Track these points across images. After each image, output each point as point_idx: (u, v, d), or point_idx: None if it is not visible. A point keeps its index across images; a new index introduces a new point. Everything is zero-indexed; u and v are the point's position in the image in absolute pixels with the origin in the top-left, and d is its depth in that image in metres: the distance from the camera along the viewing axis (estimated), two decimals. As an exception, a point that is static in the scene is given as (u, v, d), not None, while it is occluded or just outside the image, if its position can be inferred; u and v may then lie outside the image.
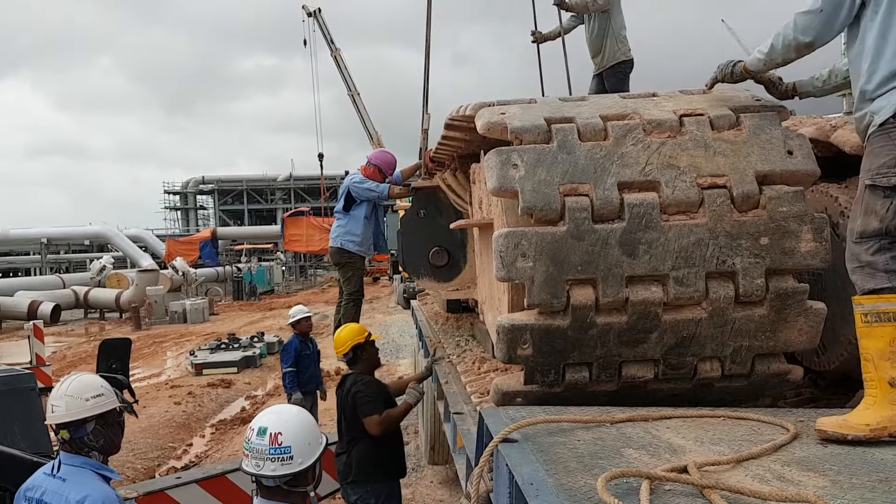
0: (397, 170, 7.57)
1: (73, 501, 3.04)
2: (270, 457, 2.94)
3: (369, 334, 5.68)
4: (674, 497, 2.08)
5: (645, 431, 2.78)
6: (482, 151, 4.60)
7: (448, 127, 5.05)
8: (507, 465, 2.44)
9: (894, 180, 2.69)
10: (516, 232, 3.17)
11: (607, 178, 3.18)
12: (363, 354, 5.58)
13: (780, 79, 3.48)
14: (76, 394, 3.17)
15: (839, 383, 3.80)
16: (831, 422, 2.62)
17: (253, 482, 3.06)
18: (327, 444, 3.22)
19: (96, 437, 3.19)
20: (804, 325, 3.19)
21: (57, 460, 3.21)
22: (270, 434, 2.96)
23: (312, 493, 3.05)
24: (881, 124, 2.75)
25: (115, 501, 3.12)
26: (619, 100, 3.65)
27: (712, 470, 2.27)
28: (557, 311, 3.17)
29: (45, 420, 5.73)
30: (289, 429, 3.00)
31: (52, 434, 5.45)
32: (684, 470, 2.21)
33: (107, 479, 3.22)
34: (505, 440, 2.60)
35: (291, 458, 2.96)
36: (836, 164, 3.55)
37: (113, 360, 6.24)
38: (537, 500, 2.08)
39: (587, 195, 3.16)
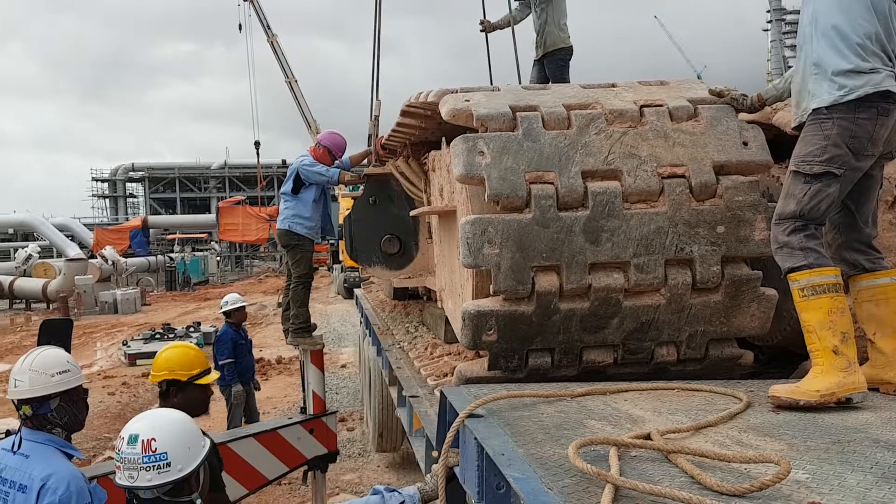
0: (346, 154, 7.47)
1: (37, 479, 2.94)
2: (144, 466, 2.61)
3: (197, 375, 3.88)
4: (641, 462, 2.18)
5: (604, 404, 2.90)
6: (443, 138, 4.65)
7: (404, 114, 5.04)
8: (475, 438, 2.49)
9: (816, 168, 2.89)
10: (483, 219, 3.23)
11: (571, 167, 3.27)
12: (176, 397, 3.80)
13: (745, 95, 3.61)
14: (41, 369, 3.07)
15: (780, 357, 4.00)
16: (784, 389, 2.79)
17: (129, 498, 2.71)
18: (212, 447, 2.92)
19: (60, 414, 3.11)
20: (756, 311, 3.35)
21: (17, 436, 3.10)
22: (142, 441, 2.62)
23: (198, 501, 2.74)
24: (815, 110, 2.93)
25: (81, 480, 3.03)
26: (581, 89, 3.75)
27: (674, 437, 2.38)
28: (523, 297, 3.25)
29: None
30: (163, 433, 2.66)
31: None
32: (648, 437, 2.32)
33: (69, 458, 3.15)
34: (471, 415, 2.65)
35: (169, 465, 2.63)
36: (778, 146, 3.68)
37: (54, 341, 6.05)
38: (510, 470, 2.14)
39: (552, 183, 3.25)
